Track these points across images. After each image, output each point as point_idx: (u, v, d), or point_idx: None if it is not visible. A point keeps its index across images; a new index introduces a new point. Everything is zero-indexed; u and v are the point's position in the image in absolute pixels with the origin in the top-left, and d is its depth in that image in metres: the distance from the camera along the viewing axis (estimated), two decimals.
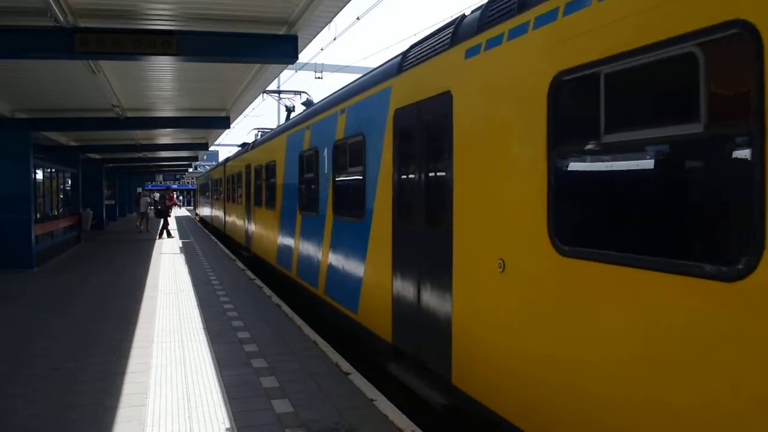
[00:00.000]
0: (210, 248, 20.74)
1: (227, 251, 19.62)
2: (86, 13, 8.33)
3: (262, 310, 9.84)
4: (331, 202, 8.70)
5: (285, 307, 9.98)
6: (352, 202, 7.70)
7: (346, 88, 8.85)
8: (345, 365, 6.67)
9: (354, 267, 7.52)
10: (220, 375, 6.29)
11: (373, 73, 7.56)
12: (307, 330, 8.38)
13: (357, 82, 8.33)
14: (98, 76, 11.29)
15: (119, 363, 6.74)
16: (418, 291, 5.61)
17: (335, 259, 8.39)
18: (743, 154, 2.69)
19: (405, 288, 5.90)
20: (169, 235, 24.94)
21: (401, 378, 6.03)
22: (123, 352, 7.18)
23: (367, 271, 7.04)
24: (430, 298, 5.39)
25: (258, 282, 12.89)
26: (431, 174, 5.56)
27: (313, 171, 9.84)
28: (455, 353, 4.93)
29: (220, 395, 5.66)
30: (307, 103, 17.07)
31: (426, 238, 5.56)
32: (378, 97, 6.85)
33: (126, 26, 8.67)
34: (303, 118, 11.28)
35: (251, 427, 4.89)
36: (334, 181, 8.62)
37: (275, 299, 10.79)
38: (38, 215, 16.96)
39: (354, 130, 7.77)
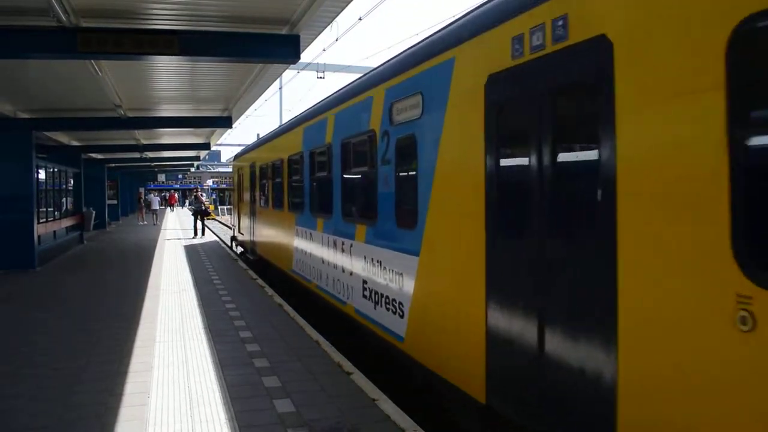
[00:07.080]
0: (213, 249, 20.75)
1: (229, 251, 19.62)
2: (88, 13, 8.33)
3: (264, 309, 9.84)
4: None
5: (287, 307, 9.99)
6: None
7: None
8: (347, 365, 6.66)
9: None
10: (222, 374, 6.29)
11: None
12: (309, 330, 8.38)
13: None
14: (100, 75, 11.30)
15: (121, 362, 6.75)
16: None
17: None
18: None
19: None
20: (196, 234, 25.26)
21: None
22: (125, 352, 7.19)
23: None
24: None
25: (260, 282, 12.89)
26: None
27: None
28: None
29: (222, 395, 5.66)
30: None
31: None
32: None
33: (128, 26, 8.68)
34: None
35: (253, 427, 4.89)
36: None
37: (277, 299, 10.80)
38: (40, 216, 16.98)
39: None
